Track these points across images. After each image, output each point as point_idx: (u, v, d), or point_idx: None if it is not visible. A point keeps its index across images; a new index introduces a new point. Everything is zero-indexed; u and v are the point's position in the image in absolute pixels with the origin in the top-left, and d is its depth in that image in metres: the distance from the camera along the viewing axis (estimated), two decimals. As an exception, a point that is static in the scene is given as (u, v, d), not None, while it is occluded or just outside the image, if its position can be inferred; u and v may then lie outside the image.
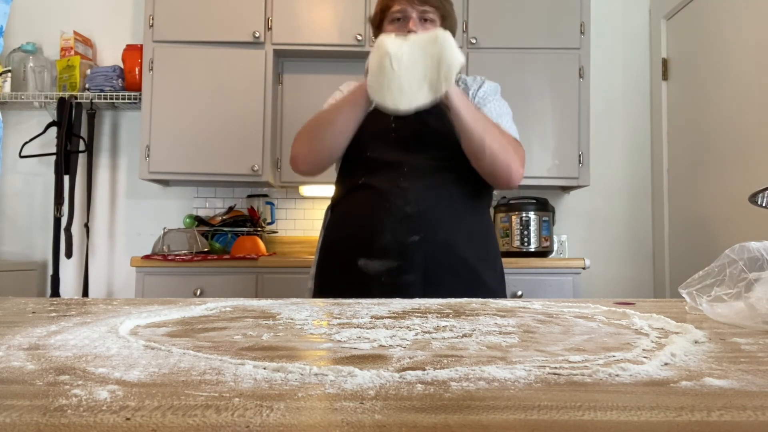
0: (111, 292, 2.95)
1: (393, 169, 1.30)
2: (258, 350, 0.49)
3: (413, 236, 1.24)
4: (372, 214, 1.27)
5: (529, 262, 2.44)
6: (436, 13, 1.35)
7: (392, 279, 1.22)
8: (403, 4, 1.34)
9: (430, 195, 1.28)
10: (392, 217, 1.25)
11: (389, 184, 1.28)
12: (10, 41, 2.86)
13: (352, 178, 1.34)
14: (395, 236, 1.24)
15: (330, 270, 1.35)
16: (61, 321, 0.64)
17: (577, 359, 0.46)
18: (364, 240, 1.26)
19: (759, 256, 0.67)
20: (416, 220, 1.25)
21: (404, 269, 1.23)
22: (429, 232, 1.25)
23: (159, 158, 2.60)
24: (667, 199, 2.84)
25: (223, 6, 2.62)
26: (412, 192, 1.26)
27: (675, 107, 2.80)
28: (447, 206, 1.29)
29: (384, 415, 0.31)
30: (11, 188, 2.95)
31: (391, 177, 1.29)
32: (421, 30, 1.33)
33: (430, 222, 1.25)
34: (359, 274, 1.24)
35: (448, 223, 1.27)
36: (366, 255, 1.25)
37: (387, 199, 1.27)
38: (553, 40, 2.64)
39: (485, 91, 1.42)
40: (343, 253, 1.30)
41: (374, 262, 1.24)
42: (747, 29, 2.23)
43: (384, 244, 1.24)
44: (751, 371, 0.42)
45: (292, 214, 2.97)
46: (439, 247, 1.25)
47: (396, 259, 1.23)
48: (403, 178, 1.28)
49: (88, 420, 0.30)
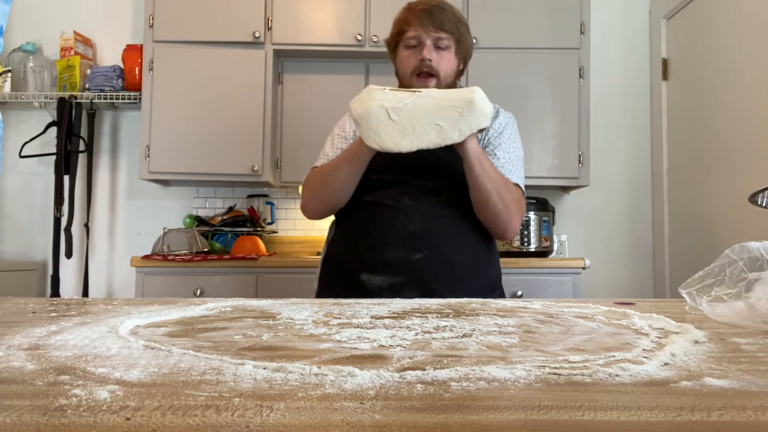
0: (111, 292, 2.95)
1: (397, 188, 1.31)
2: (258, 350, 0.49)
3: (417, 253, 1.25)
4: (376, 231, 1.28)
5: (529, 262, 2.44)
6: (451, 39, 1.35)
7: (394, 294, 1.23)
8: (419, 30, 1.34)
9: (434, 213, 1.29)
10: (396, 234, 1.26)
11: (394, 201, 1.29)
12: (10, 41, 2.86)
13: (357, 195, 1.35)
14: (398, 253, 1.25)
15: (333, 284, 1.36)
16: (61, 321, 0.64)
17: (577, 359, 0.46)
18: (367, 255, 1.27)
19: (759, 256, 0.67)
20: (420, 237, 1.26)
21: (407, 285, 1.24)
22: (432, 249, 1.26)
23: (159, 158, 2.60)
24: (667, 199, 2.84)
25: (223, 6, 2.62)
26: (415, 210, 1.28)
27: (675, 107, 2.80)
28: (450, 225, 1.30)
29: (384, 415, 0.31)
30: (11, 188, 2.95)
31: (395, 195, 1.30)
32: (435, 55, 1.34)
33: (434, 240, 1.26)
34: (361, 289, 1.25)
35: (451, 241, 1.28)
36: (369, 270, 1.26)
37: (391, 216, 1.28)
38: (553, 40, 2.64)
39: (499, 130, 1.40)
40: (346, 267, 1.31)
41: (377, 278, 1.25)
42: (747, 29, 2.23)
43: (387, 260, 1.25)
44: (751, 371, 0.42)
45: (292, 214, 2.97)
46: (442, 264, 1.26)
47: (399, 275, 1.24)
48: (408, 196, 1.29)
49: (88, 420, 0.30)
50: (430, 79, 1.35)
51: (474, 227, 1.34)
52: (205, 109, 2.61)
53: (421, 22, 1.34)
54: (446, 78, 1.37)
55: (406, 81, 1.38)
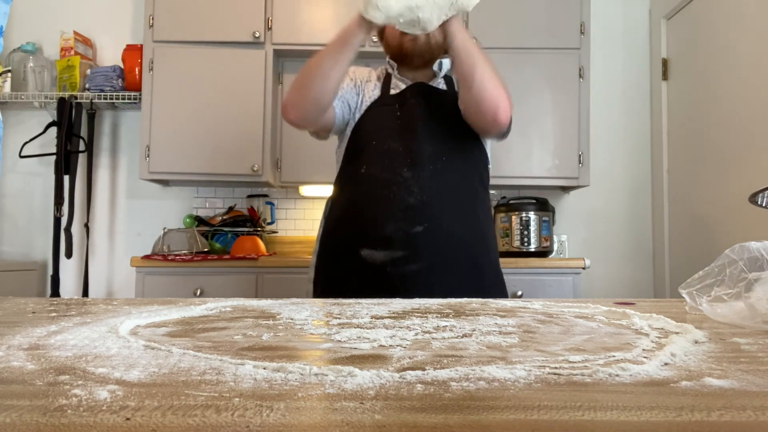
0: (111, 292, 2.95)
1: (395, 159, 1.28)
2: (258, 350, 0.49)
3: (417, 226, 1.24)
4: (375, 204, 1.27)
5: (529, 262, 2.44)
6: None
7: (398, 268, 1.22)
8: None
9: (433, 185, 1.27)
10: (395, 207, 1.25)
11: (392, 174, 1.27)
12: (10, 41, 2.86)
13: (354, 166, 1.32)
14: (399, 226, 1.24)
15: (332, 260, 1.34)
16: (61, 321, 0.64)
17: (577, 359, 0.46)
18: (366, 230, 1.26)
19: (759, 256, 0.67)
20: (420, 210, 1.24)
21: (410, 259, 1.23)
22: (433, 221, 1.25)
23: (159, 158, 2.60)
24: (667, 199, 2.84)
25: (223, 6, 2.62)
26: (414, 182, 1.26)
27: (675, 107, 2.80)
28: (449, 196, 1.29)
29: (384, 415, 0.31)
30: (11, 188, 2.95)
31: (393, 167, 1.27)
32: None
33: (434, 212, 1.25)
34: (363, 264, 1.24)
35: (451, 213, 1.27)
36: (369, 245, 1.25)
37: (390, 189, 1.26)
38: (553, 40, 2.64)
39: None
40: (344, 242, 1.30)
41: (379, 252, 1.24)
42: (747, 29, 2.23)
43: (388, 233, 1.23)
44: (751, 371, 0.42)
45: (292, 214, 2.97)
46: (443, 236, 1.25)
47: (401, 249, 1.23)
48: (406, 168, 1.27)
49: (88, 420, 0.30)
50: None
51: (473, 196, 1.33)
52: (205, 109, 2.61)
53: None
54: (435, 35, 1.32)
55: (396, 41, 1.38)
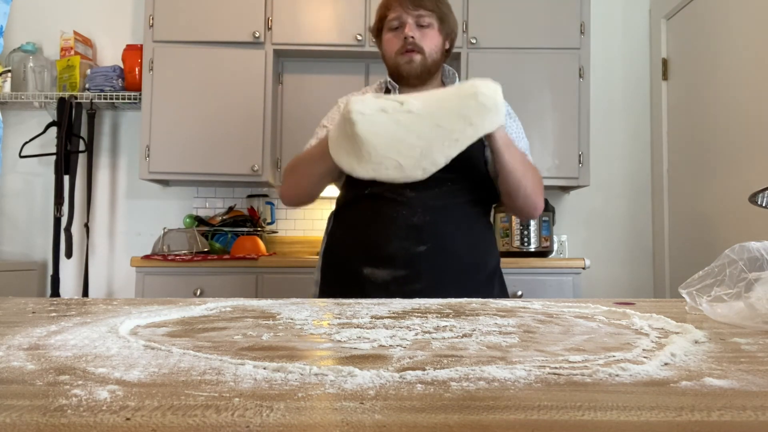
0: (111, 292, 2.94)
1: None
2: (258, 350, 0.49)
3: (420, 246, 1.24)
4: (378, 224, 1.27)
5: (529, 262, 2.44)
6: (432, 17, 1.35)
7: (400, 287, 1.22)
8: (399, 11, 1.34)
9: (436, 205, 1.28)
10: (399, 227, 1.25)
11: (395, 194, 1.28)
12: (10, 41, 2.86)
13: (357, 187, 1.33)
14: (402, 245, 1.24)
15: (334, 277, 1.35)
16: (61, 321, 0.64)
17: (577, 359, 0.46)
18: (369, 248, 1.27)
19: (759, 256, 0.67)
20: (423, 230, 1.25)
21: (412, 278, 1.24)
22: (436, 242, 1.25)
23: (159, 158, 2.60)
24: (667, 199, 2.84)
25: (223, 6, 2.62)
26: (418, 202, 1.27)
27: (675, 107, 2.79)
28: (453, 216, 1.29)
29: (384, 415, 0.31)
30: (11, 188, 2.95)
31: (396, 187, 1.26)
32: (418, 33, 1.33)
33: (437, 232, 1.26)
34: (366, 282, 1.24)
35: (454, 233, 1.28)
36: (372, 263, 1.25)
37: (393, 209, 1.27)
38: (553, 40, 2.64)
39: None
40: (347, 260, 1.31)
41: (381, 271, 1.25)
42: (747, 29, 2.23)
43: (391, 252, 1.24)
44: (751, 371, 0.42)
45: (292, 214, 2.97)
46: (446, 256, 1.26)
47: (403, 268, 1.24)
48: (410, 188, 1.26)
49: (88, 420, 0.30)
50: (415, 54, 1.33)
51: (476, 216, 1.34)
52: (205, 109, 2.61)
53: (401, 3, 1.34)
54: (431, 54, 1.35)
55: (392, 61, 1.38)
